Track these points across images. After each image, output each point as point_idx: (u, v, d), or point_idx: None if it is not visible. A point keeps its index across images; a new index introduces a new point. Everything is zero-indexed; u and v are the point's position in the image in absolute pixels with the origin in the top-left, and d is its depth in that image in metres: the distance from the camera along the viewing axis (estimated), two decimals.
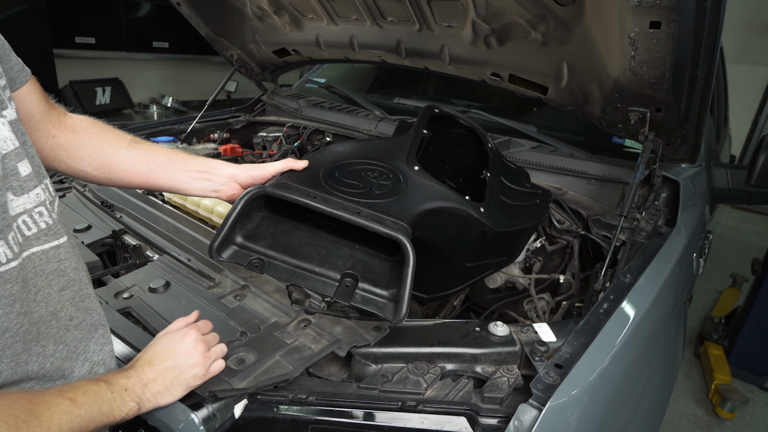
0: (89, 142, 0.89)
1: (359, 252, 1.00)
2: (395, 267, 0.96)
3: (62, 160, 0.88)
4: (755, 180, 1.79)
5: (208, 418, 0.76)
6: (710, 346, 2.82)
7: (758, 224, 5.41)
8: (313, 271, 0.96)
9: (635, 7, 0.97)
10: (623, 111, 1.31)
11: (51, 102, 0.88)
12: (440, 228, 1.08)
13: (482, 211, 1.13)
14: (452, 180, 1.46)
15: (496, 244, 1.25)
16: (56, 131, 0.87)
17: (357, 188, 0.99)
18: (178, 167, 0.93)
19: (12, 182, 0.62)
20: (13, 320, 0.61)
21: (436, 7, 1.49)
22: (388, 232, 0.86)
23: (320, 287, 0.95)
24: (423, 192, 1.03)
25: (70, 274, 0.70)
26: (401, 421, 0.79)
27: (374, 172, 1.06)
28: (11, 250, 0.59)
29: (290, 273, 0.96)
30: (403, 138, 1.21)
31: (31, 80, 0.80)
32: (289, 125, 2.27)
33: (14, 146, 0.63)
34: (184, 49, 4.76)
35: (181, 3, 1.98)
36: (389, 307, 0.91)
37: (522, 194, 1.40)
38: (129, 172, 0.91)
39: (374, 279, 0.95)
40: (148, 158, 0.91)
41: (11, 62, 0.74)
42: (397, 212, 0.95)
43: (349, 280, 0.95)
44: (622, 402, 0.96)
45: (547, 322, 1.01)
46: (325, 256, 0.98)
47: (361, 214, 0.90)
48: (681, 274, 1.29)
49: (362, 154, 1.11)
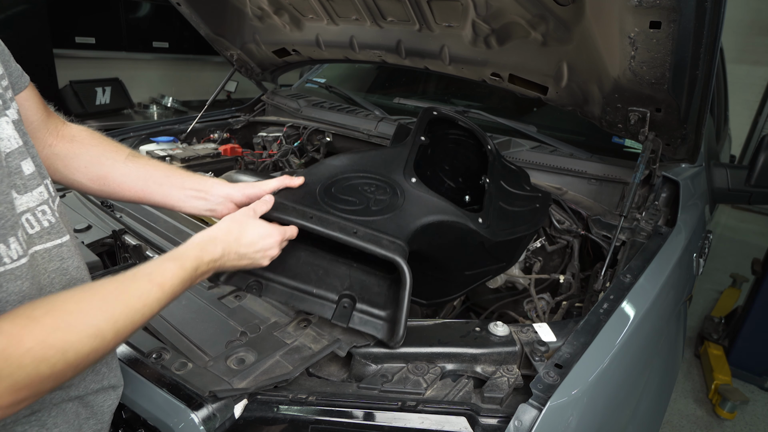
0: (86, 153, 0.89)
1: (357, 270, 1.00)
2: (393, 286, 0.96)
3: (58, 170, 0.88)
4: (755, 180, 1.79)
5: (208, 418, 0.76)
6: (710, 346, 2.82)
7: (758, 224, 5.41)
8: (310, 293, 0.97)
9: (635, 7, 0.97)
10: (623, 111, 1.31)
11: (49, 110, 0.87)
12: (438, 240, 1.08)
13: (480, 222, 1.12)
14: (452, 180, 1.46)
15: (494, 252, 1.25)
16: (53, 140, 0.86)
17: (354, 204, 0.99)
18: (174, 184, 0.93)
19: (16, 180, 0.62)
20: None
21: (436, 7, 1.49)
22: (384, 254, 0.86)
23: (318, 309, 0.95)
24: (420, 206, 1.03)
25: (73, 272, 0.70)
26: (401, 421, 0.79)
27: (371, 186, 1.06)
28: (21, 247, 0.60)
29: (288, 295, 0.96)
30: (400, 148, 1.19)
31: (30, 87, 0.80)
32: (289, 125, 2.27)
33: (18, 145, 0.63)
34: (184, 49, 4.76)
35: (181, 3, 1.98)
36: (386, 328, 0.91)
37: (522, 198, 1.40)
38: (124, 186, 0.90)
39: (372, 299, 0.95)
40: (144, 173, 0.91)
41: (11, 67, 0.74)
42: (394, 229, 0.94)
43: (346, 300, 0.95)
44: (622, 402, 0.96)
45: (547, 322, 1.01)
46: (322, 277, 0.99)
47: (357, 234, 0.90)
48: (681, 274, 1.29)
49: (359, 167, 1.10)
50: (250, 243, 0.83)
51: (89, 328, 0.56)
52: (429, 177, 1.41)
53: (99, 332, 0.57)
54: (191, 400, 0.78)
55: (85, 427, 0.72)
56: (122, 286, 0.63)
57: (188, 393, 0.79)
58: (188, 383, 0.81)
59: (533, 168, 1.65)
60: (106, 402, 0.76)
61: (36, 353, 0.50)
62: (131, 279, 0.65)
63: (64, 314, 0.55)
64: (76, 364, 0.55)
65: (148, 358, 0.88)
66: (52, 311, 0.54)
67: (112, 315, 0.59)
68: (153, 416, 0.79)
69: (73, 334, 0.54)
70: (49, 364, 0.51)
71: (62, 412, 0.68)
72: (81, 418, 0.71)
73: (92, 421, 0.73)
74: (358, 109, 2.17)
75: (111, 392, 0.77)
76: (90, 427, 0.73)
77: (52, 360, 0.51)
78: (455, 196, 1.44)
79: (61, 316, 0.54)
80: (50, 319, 0.53)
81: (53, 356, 0.52)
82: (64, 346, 0.53)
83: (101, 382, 0.74)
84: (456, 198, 1.44)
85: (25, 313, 0.53)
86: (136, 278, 0.65)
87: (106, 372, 0.75)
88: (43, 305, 0.55)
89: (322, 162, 1.11)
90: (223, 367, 0.87)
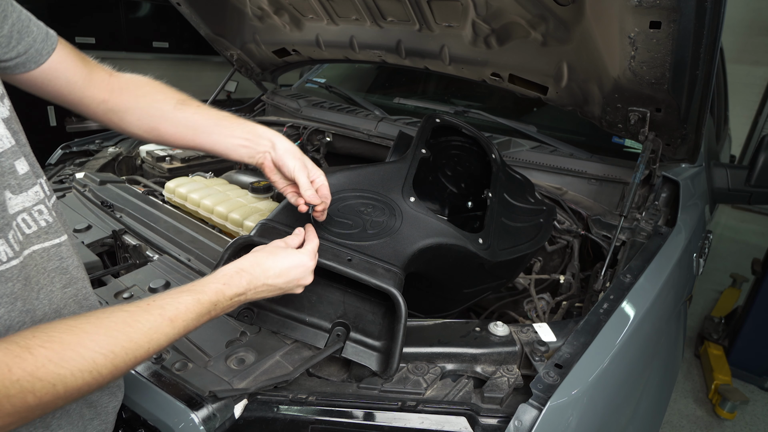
0: (137, 106, 0.88)
1: (351, 296, 0.98)
2: (387, 314, 0.94)
3: (115, 123, 0.88)
4: (755, 180, 1.79)
5: (208, 418, 0.76)
6: (710, 346, 2.83)
7: (758, 224, 5.41)
8: (303, 321, 0.95)
9: (635, 7, 0.97)
10: (623, 111, 1.31)
11: (91, 62, 0.86)
12: (436, 262, 1.06)
13: (480, 243, 1.09)
14: (454, 186, 1.44)
15: (495, 272, 1.22)
16: (105, 95, 0.85)
17: (349, 228, 0.97)
18: (222, 133, 0.92)
19: (10, 180, 0.61)
20: (15, 318, 0.60)
21: (436, 7, 1.49)
22: (378, 284, 0.85)
23: (311, 338, 0.94)
24: (418, 228, 1.00)
25: (72, 272, 0.69)
26: (401, 421, 0.79)
27: (368, 206, 1.03)
28: (12, 249, 0.59)
29: (281, 324, 0.95)
30: (400, 164, 1.16)
31: (60, 46, 0.77)
32: (289, 125, 2.27)
33: (10, 144, 0.62)
34: (184, 49, 4.76)
35: (181, 3, 1.98)
36: (380, 360, 0.89)
37: (525, 213, 1.36)
38: (176, 135, 0.91)
39: (366, 328, 0.94)
40: (194, 123, 0.91)
41: (31, 35, 0.71)
42: (391, 254, 0.93)
43: (340, 328, 0.94)
44: (622, 402, 0.96)
45: (547, 322, 1.01)
46: (315, 303, 0.97)
47: (352, 261, 0.88)
48: (681, 274, 1.29)
49: (356, 186, 1.08)
50: (279, 274, 0.79)
51: (84, 362, 0.54)
52: (431, 182, 1.39)
53: (94, 367, 0.55)
54: (191, 400, 0.78)
55: (89, 428, 0.72)
56: (131, 318, 0.60)
57: (188, 393, 0.79)
58: (188, 383, 0.81)
59: (533, 168, 1.65)
60: (111, 402, 0.76)
61: (23, 385, 0.49)
62: (143, 310, 0.62)
63: (60, 346, 0.53)
64: (66, 396, 0.53)
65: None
66: (48, 342, 0.53)
67: (112, 350, 0.57)
68: (153, 416, 0.79)
69: (65, 368, 0.52)
70: (36, 396, 0.50)
71: (66, 414, 0.68)
72: (86, 419, 0.71)
73: (96, 422, 0.73)
74: (358, 109, 2.17)
75: (116, 392, 0.77)
76: (95, 427, 0.73)
77: (40, 392, 0.50)
78: (457, 202, 1.42)
79: (57, 348, 0.53)
80: (45, 351, 0.52)
81: (41, 389, 0.50)
82: (54, 379, 0.51)
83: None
84: (458, 204, 1.42)
85: (22, 342, 0.51)
86: (148, 309, 0.62)
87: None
88: (42, 333, 0.53)
89: None
90: (223, 367, 0.87)
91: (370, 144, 1.98)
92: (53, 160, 1.95)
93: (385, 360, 0.88)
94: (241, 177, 1.87)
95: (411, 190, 1.08)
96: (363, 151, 2.05)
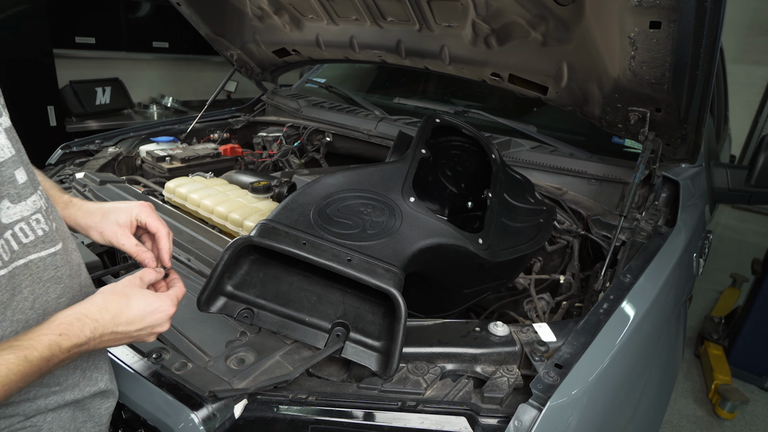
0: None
1: (351, 296, 0.98)
2: (387, 314, 0.94)
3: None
4: (755, 180, 1.79)
5: (208, 418, 0.76)
6: (710, 346, 2.83)
7: (758, 224, 5.41)
8: (303, 321, 0.95)
9: (635, 7, 0.97)
10: (623, 111, 1.31)
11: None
12: (436, 262, 1.06)
13: (480, 243, 1.09)
14: (454, 186, 1.44)
15: (495, 272, 1.22)
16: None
17: (349, 228, 0.97)
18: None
19: (9, 190, 0.61)
20: (7, 328, 0.61)
21: (436, 7, 1.49)
22: (377, 284, 0.84)
23: (311, 339, 0.93)
24: (418, 228, 1.00)
25: (66, 281, 0.70)
26: (401, 421, 0.79)
27: (367, 206, 1.03)
28: (0, 259, 0.59)
29: (280, 324, 0.94)
30: (399, 164, 1.16)
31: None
32: (289, 125, 2.27)
33: (11, 154, 0.62)
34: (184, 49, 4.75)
35: (181, 3, 1.98)
36: (380, 360, 0.89)
37: (525, 213, 1.36)
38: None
39: (365, 329, 0.93)
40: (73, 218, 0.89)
41: None
42: (390, 254, 0.93)
43: (339, 329, 0.93)
44: (622, 402, 0.96)
45: (547, 322, 1.01)
46: (315, 304, 0.97)
47: (351, 262, 0.88)
48: (681, 274, 1.28)
49: (355, 186, 1.07)
50: (131, 320, 0.69)
51: None
52: (431, 182, 1.39)
53: None
54: (191, 400, 0.77)
55: (83, 430, 0.72)
56: None
57: (188, 393, 0.79)
58: (188, 383, 0.81)
59: (533, 168, 1.65)
60: (104, 405, 0.76)
61: None
62: None
63: None
64: None
65: (147, 358, 0.88)
66: None
67: None
68: (153, 416, 0.79)
69: None
70: None
71: (58, 417, 0.68)
72: (78, 422, 0.71)
73: (90, 424, 0.73)
74: (358, 109, 2.17)
75: (109, 395, 0.77)
76: (88, 430, 0.73)
77: None
78: (457, 202, 1.42)
79: None
80: None
81: None
82: None
83: (96, 385, 0.74)
84: (458, 204, 1.42)
85: None
86: None
87: (98, 377, 0.75)
88: None
89: (318, 180, 1.07)
90: (223, 367, 0.87)
91: (370, 144, 1.98)
92: (53, 160, 1.95)
93: (385, 360, 0.88)
94: (241, 177, 1.87)
95: (411, 190, 1.08)
96: (363, 151, 2.05)
